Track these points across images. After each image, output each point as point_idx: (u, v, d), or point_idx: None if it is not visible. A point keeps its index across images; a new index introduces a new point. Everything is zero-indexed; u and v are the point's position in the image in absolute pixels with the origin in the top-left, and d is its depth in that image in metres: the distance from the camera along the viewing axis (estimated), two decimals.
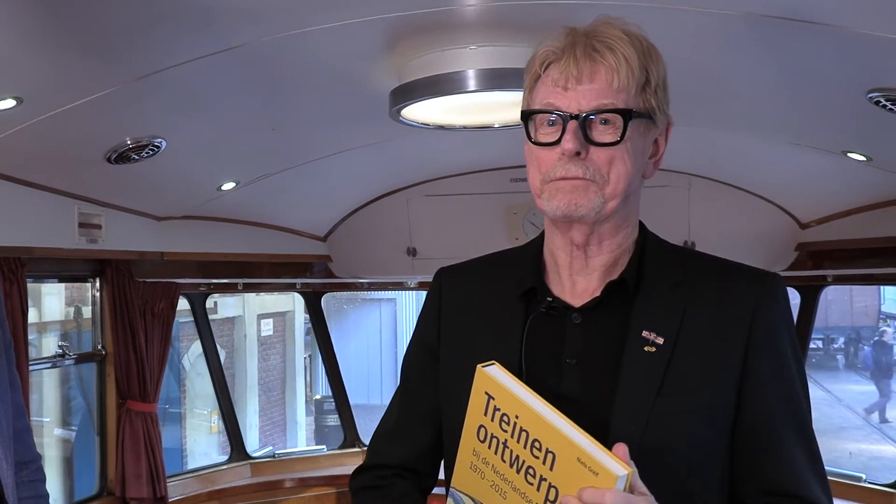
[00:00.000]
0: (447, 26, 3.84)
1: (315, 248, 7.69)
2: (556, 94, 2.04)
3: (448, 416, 2.28)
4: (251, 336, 21.39)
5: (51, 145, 4.60)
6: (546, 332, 2.16)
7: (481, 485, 2.04)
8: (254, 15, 3.50)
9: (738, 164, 6.12)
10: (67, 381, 12.31)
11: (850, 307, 32.51)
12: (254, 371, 21.55)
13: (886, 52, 3.50)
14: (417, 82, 4.20)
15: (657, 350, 2.06)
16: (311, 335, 23.18)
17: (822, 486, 2.09)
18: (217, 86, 4.25)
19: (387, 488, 2.39)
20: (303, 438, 23.56)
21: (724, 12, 3.41)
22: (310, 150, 5.91)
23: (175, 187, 5.93)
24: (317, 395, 24.58)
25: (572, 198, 2.01)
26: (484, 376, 1.98)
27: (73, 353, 6.82)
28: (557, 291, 2.20)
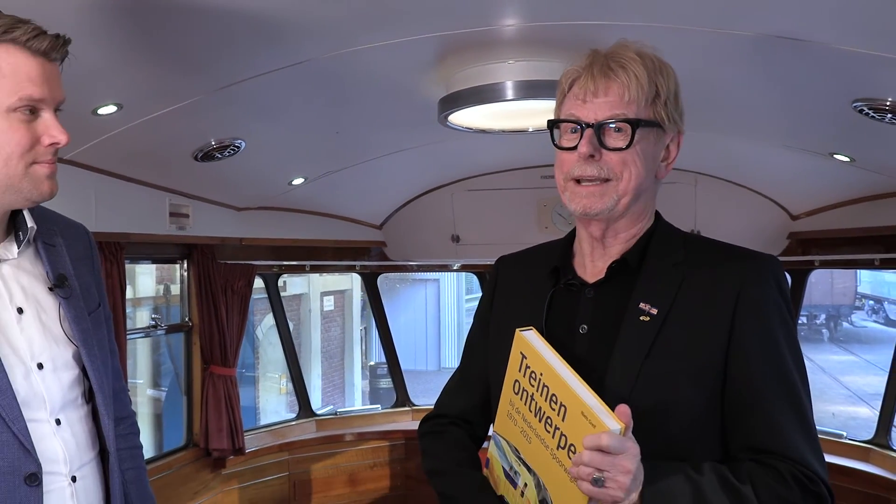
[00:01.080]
0: (488, 43, 3.82)
1: (372, 235, 7.69)
2: (577, 106, 2.14)
3: (492, 374, 2.35)
4: (315, 311, 21.53)
5: (146, 145, 4.60)
6: (565, 304, 2.26)
7: (514, 430, 2.15)
8: (320, 34, 3.49)
9: (738, 163, 6.11)
10: (158, 349, 12.37)
11: (831, 288, 32.98)
12: (317, 341, 21.68)
13: (869, 67, 3.50)
14: (462, 92, 4.19)
15: (650, 319, 2.11)
16: (365, 310, 23.44)
17: (812, 449, 2.04)
18: (288, 95, 4.24)
19: (444, 434, 2.52)
20: (359, 399, 23.70)
21: (727, 32, 3.39)
22: (368, 151, 5.90)
23: (252, 182, 5.93)
24: (371, 361, 24.69)
25: (588, 202, 2.12)
26: (520, 339, 2.11)
27: (163, 324, 6.84)
28: (580, 272, 2.28)
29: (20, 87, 2.05)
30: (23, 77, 2.05)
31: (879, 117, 3.96)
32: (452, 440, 2.49)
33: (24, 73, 2.05)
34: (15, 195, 2.13)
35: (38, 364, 2.17)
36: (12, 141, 2.06)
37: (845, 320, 35.13)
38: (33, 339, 2.18)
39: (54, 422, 2.17)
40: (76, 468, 2.21)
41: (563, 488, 1.96)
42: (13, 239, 2.24)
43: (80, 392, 2.27)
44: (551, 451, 1.99)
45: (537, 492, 2.07)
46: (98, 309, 2.41)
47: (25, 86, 2.05)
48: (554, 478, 2.00)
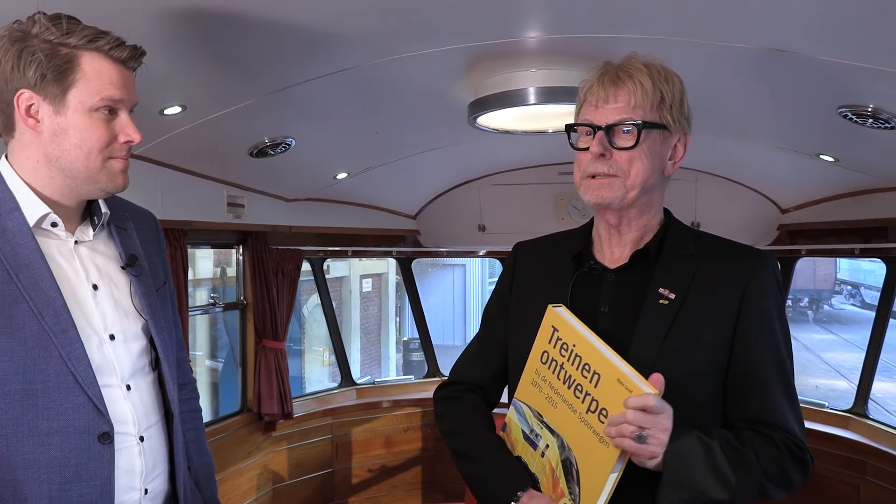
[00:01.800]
0: (513, 54, 3.82)
1: (407, 224, 7.69)
2: (591, 111, 2.20)
3: (513, 347, 2.39)
4: (355, 291, 21.65)
5: (207, 143, 4.62)
6: (587, 286, 2.28)
7: (538, 396, 2.18)
8: (365, 44, 3.50)
9: (734, 162, 6.10)
10: (215, 325, 12.43)
11: (814, 274, 33.99)
12: (356, 318, 21.80)
13: (853, 77, 3.52)
14: (490, 97, 4.20)
15: (669, 303, 2.15)
16: (399, 291, 23.53)
17: (797, 420, 2.15)
18: (335, 98, 4.24)
19: (462, 399, 2.53)
20: (393, 370, 23.85)
21: (728, 45, 3.40)
22: (404, 149, 5.90)
23: (301, 176, 5.95)
24: (404, 337, 24.76)
25: (600, 192, 2.17)
26: (553, 313, 2.15)
27: (220, 302, 6.89)
28: (599, 258, 2.31)
29: (102, 89, 2.08)
30: (105, 81, 2.09)
31: (861, 122, 3.98)
32: (470, 404, 2.50)
33: (107, 77, 2.09)
34: (92, 186, 2.16)
35: (111, 335, 2.19)
36: (93, 137, 2.09)
37: (826, 303, 36.30)
38: (106, 312, 2.20)
39: (125, 387, 2.20)
40: (144, 429, 2.23)
41: (590, 448, 2.01)
42: (89, 223, 2.27)
43: (148, 361, 2.29)
44: (580, 415, 2.04)
45: (560, 452, 2.10)
46: (164, 286, 2.43)
47: (107, 88, 2.09)
48: (581, 439, 2.04)
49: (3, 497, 2.05)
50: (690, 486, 1.99)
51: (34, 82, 2.05)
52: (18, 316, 2.03)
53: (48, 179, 2.14)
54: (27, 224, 2.11)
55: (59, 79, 2.06)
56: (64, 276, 2.15)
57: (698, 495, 2.00)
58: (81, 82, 2.07)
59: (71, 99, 2.07)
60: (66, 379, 2.06)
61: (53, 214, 2.15)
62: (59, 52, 2.05)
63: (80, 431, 2.08)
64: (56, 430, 2.06)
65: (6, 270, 2.04)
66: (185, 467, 2.37)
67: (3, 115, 2.12)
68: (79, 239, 2.23)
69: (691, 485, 1.98)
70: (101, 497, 2.11)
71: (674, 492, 1.98)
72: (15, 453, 2.04)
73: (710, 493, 2.00)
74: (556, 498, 2.10)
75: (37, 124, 2.09)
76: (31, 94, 2.07)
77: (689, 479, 1.98)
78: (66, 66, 2.06)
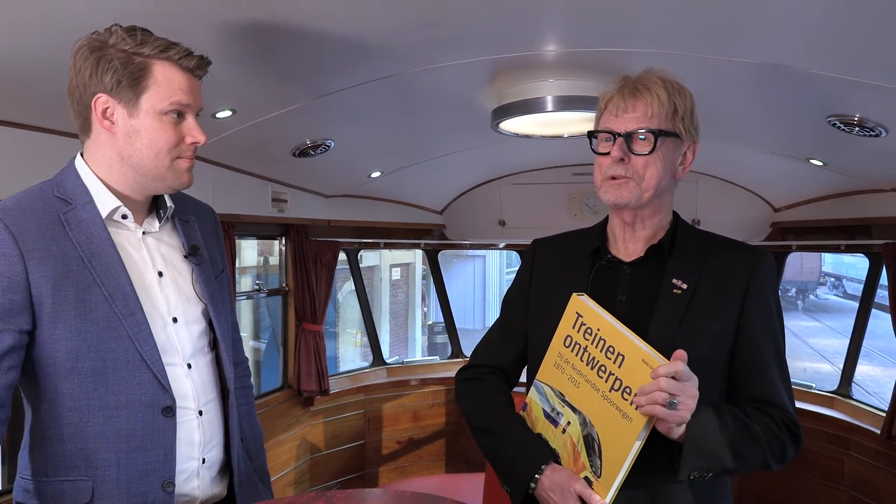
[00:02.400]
0: (533, 65, 3.83)
1: (434, 219, 7.69)
2: (611, 120, 2.23)
3: (533, 333, 2.41)
4: (385, 279, 21.73)
5: (254, 143, 4.64)
6: (605, 278, 2.31)
7: (561, 378, 2.20)
8: (399, 55, 3.51)
9: (731, 165, 6.09)
10: (259, 309, 12.48)
11: (801, 267, 34.02)
12: (386, 303, 21.87)
13: (841, 89, 3.53)
14: (511, 104, 4.21)
15: (682, 293, 2.19)
16: (425, 279, 23.53)
17: (791, 400, 2.20)
18: (370, 104, 4.25)
19: (482, 380, 2.53)
20: (419, 351, 23.92)
21: (728, 59, 3.41)
22: (433, 150, 5.90)
23: (338, 174, 5.96)
24: (429, 321, 24.76)
25: (618, 193, 2.20)
26: (577, 301, 2.18)
27: (264, 289, 6.91)
28: (614, 252, 2.34)
29: (171, 95, 2.12)
30: (174, 87, 2.12)
31: (848, 130, 3.98)
32: (492, 385, 2.50)
33: (176, 84, 2.13)
34: (160, 183, 2.19)
35: (174, 318, 2.23)
36: (162, 138, 2.13)
37: (812, 294, 36.40)
38: (170, 297, 2.24)
39: (186, 366, 2.23)
40: (202, 404, 2.26)
41: (613, 423, 2.04)
42: (156, 216, 2.31)
43: (207, 342, 2.32)
44: (603, 394, 2.06)
45: (582, 428, 2.12)
46: (222, 274, 2.46)
47: (176, 94, 2.12)
48: (603, 415, 2.07)
49: (76, 464, 2.09)
50: (709, 455, 2.02)
51: (110, 87, 2.09)
52: (91, 300, 2.06)
53: (120, 176, 2.17)
54: (100, 216, 2.15)
55: (133, 84, 2.09)
56: (133, 263, 2.18)
57: (714, 463, 2.03)
58: (153, 88, 2.10)
59: (143, 103, 2.10)
60: (134, 357, 2.09)
61: (124, 207, 2.19)
62: (134, 61, 2.09)
63: (146, 405, 2.11)
64: (124, 404, 2.09)
65: (80, 258, 2.07)
66: (239, 439, 2.40)
67: (81, 117, 2.16)
68: (146, 230, 2.27)
69: (710, 453, 2.02)
70: (164, 465, 2.14)
71: (694, 460, 2.01)
72: (87, 424, 2.08)
73: (724, 462, 2.04)
74: (578, 471, 2.12)
75: (112, 126, 2.13)
76: (108, 99, 2.10)
77: (709, 448, 2.01)
78: (139, 74, 2.09)
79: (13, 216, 2.05)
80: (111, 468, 2.09)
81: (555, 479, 2.14)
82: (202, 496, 2.27)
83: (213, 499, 2.32)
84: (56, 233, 2.08)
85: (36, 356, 2.06)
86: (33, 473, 2.13)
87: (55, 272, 2.04)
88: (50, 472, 2.10)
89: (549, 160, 7.00)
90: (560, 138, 4.94)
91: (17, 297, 2.01)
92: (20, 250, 2.01)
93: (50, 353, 2.05)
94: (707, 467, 2.03)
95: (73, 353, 2.05)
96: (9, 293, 2.00)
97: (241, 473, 2.38)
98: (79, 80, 2.11)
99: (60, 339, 2.04)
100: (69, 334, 2.04)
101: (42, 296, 2.02)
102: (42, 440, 2.11)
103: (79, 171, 2.19)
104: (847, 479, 5.89)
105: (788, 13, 2.88)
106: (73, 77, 2.13)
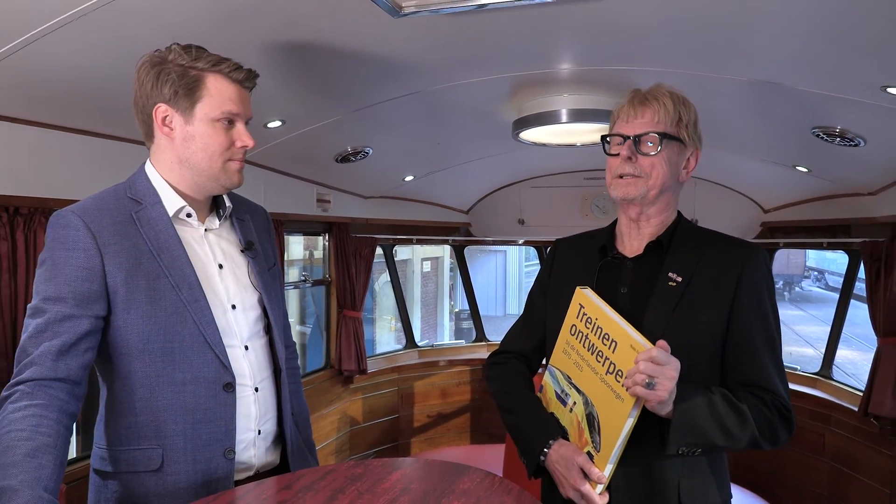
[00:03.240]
0: (549, 81, 3.84)
1: (461, 218, 7.69)
2: (622, 125, 2.26)
3: (550, 323, 2.39)
4: (417, 272, 21.80)
5: (301, 150, 4.65)
6: (610, 272, 2.31)
7: (568, 362, 2.21)
8: (429, 73, 3.53)
9: (726, 171, 6.07)
10: (305, 297, 12.51)
11: (787, 262, 34.77)
12: (418, 293, 21.95)
13: (824, 104, 3.55)
14: (530, 116, 4.24)
15: (676, 285, 2.16)
16: (453, 271, 23.55)
17: (784, 385, 2.16)
18: (404, 116, 4.26)
19: (508, 364, 2.53)
20: (447, 335, 23.91)
21: (723, 77, 3.42)
22: (459, 157, 5.91)
23: (376, 178, 5.97)
24: (456, 308, 24.75)
25: (626, 189, 2.22)
26: (580, 293, 2.18)
27: (309, 279, 6.94)
28: (621, 249, 2.33)
29: (223, 104, 2.14)
30: (225, 98, 2.14)
31: (830, 140, 4.00)
32: (515, 369, 2.51)
33: (227, 95, 2.15)
34: (214, 183, 2.21)
35: (232, 305, 2.24)
36: (215, 142, 2.15)
37: (797, 286, 36.83)
38: (229, 287, 2.25)
39: (244, 347, 2.24)
40: (258, 381, 2.27)
41: (609, 403, 2.03)
42: (216, 215, 2.32)
43: (262, 326, 2.33)
44: (600, 377, 2.06)
45: (584, 408, 2.12)
46: (273, 266, 2.47)
47: (226, 104, 2.14)
48: (601, 396, 2.06)
49: (148, 434, 2.11)
50: (696, 431, 2.00)
51: (168, 98, 2.11)
52: (160, 288, 2.08)
53: (181, 177, 2.19)
54: (167, 214, 2.17)
55: (189, 95, 2.11)
56: (196, 257, 2.20)
57: (702, 439, 2.01)
58: (206, 98, 2.12)
59: (198, 111, 2.13)
60: (198, 339, 2.11)
61: (188, 206, 2.21)
62: (189, 74, 2.11)
63: (209, 382, 2.13)
64: (189, 381, 2.11)
65: (150, 251, 2.10)
66: (290, 413, 2.40)
67: (145, 125, 2.19)
68: (208, 227, 2.28)
69: (697, 430, 2.00)
70: (225, 435, 2.16)
71: (681, 435, 1.99)
72: (157, 399, 2.10)
73: (712, 439, 2.02)
74: (581, 446, 2.13)
75: (170, 132, 2.15)
76: (167, 108, 2.12)
77: (696, 425, 1.99)
78: (194, 85, 2.11)
79: (91, 215, 2.08)
80: (178, 438, 2.11)
81: (561, 453, 2.16)
82: (258, 463, 2.28)
83: (267, 466, 2.33)
84: (129, 230, 2.10)
85: (111, 339, 2.08)
86: (108, 443, 2.15)
87: (128, 264, 2.06)
88: (124, 442, 2.12)
89: (563, 166, 7.01)
90: (573, 147, 4.96)
91: (94, 286, 2.03)
92: (97, 245, 2.04)
93: (124, 335, 2.07)
94: (695, 443, 2.01)
95: (145, 336, 2.07)
96: (87, 283, 2.02)
97: (292, 444, 2.39)
98: (142, 92, 2.14)
99: (133, 324, 2.06)
100: (141, 319, 2.07)
101: (116, 285, 2.05)
102: (116, 414, 2.13)
103: (148, 174, 2.21)
104: (828, 451, 5.91)
105: (777, 37, 2.90)
106: (137, 90, 2.16)
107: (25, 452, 1.76)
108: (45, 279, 2.03)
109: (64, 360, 1.97)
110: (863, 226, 5.40)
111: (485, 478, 2.06)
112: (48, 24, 2.41)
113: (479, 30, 2.99)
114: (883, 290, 5.14)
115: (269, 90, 3.38)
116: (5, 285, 3.20)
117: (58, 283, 2.01)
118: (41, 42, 2.51)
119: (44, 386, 1.92)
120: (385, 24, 2.78)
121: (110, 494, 2.14)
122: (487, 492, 1.95)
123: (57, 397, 1.93)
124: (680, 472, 2.13)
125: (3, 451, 1.77)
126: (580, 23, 2.92)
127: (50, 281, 2.02)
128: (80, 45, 2.60)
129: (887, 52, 2.80)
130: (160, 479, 2.11)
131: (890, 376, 5.15)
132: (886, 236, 5.10)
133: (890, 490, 5.22)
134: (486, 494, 1.93)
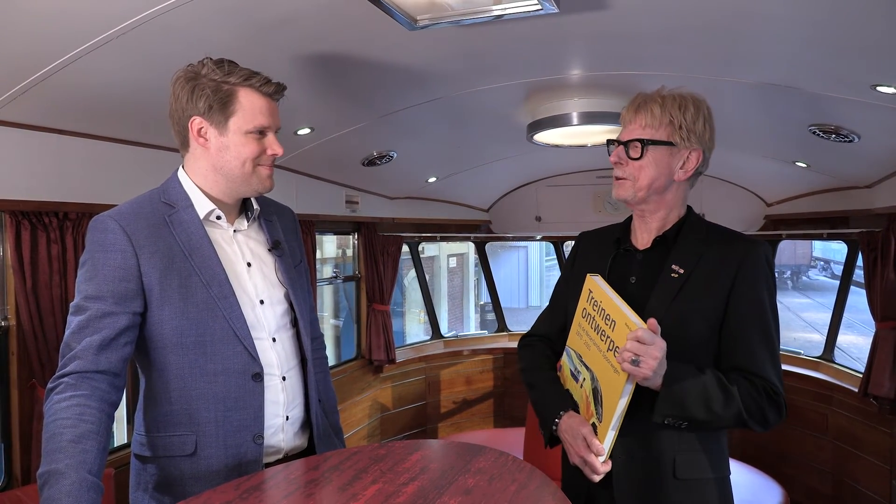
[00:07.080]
0: (561, 87, 3.84)
1: (482, 216, 7.68)
2: (621, 131, 2.29)
3: (571, 309, 2.39)
4: (443, 267, 21.81)
5: (330, 155, 4.67)
6: (622, 264, 2.33)
7: (580, 343, 2.25)
8: (449, 80, 3.53)
9: (731, 167, 6.03)
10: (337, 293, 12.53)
11: (794, 253, 34.41)
12: (444, 287, 21.95)
13: (821, 103, 3.54)
14: (543, 119, 4.23)
15: (678, 276, 2.18)
16: (477, 266, 23.49)
17: (776, 374, 2.14)
18: (426, 121, 4.26)
19: (536, 346, 2.58)
20: (472, 326, 23.92)
21: (728, 80, 3.40)
22: (479, 159, 5.91)
23: (401, 180, 5.99)
24: (480, 301, 24.75)
25: (618, 191, 2.27)
26: (590, 280, 2.23)
27: (341, 276, 6.96)
28: (634, 242, 2.35)
29: (254, 118, 2.14)
30: (257, 111, 2.15)
31: (826, 136, 4.01)
32: (539, 350, 2.55)
33: (258, 108, 2.15)
34: (246, 187, 2.21)
35: (261, 300, 2.24)
36: (247, 151, 2.15)
37: (804, 275, 36.67)
38: (257, 283, 2.25)
39: (271, 339, 2.24)
40: (286, 371, 2.27)
41: (609, 377, 2.07)
42: (244, 216, 2.32)
43: (289, 320, 2.33)
44: (603, 354, 2.10)
45: (591, 383, 2.16)
46: (300, 264, 2.47)
47: (258, 117, 2.15)
48: (603, 371, 2.11)
49: (182, 421, 2.12)
50: (681, 403, 2.03)
51: (203, 111, 2.12)
52: (192, 286, 2.09)
53: (214, 183, 2.20)
54: (198, 217, 2.17)
55: (223, 108, 2.11)
56: (226, 256, 2.21)
57: (685, 412, 2.05)
58: (239, 112, 2.13)
59: (231, 125, 2.13)
60: (228, 333, 2.12)
61: (218, 209, 2.21)
62: (222, 89, 2.11)
63: (239, 372, 2.14)
64: (220, 371, 2.12)
65: (183, 252, 2.11)
66: (317, 400, 2.41)
67: (181, 136, 2.20)
68: (237, 228, 2.28)
69: (681, 402, 2.03)
70: (255, 421, 2.16)
71: (667, 406, 2.04)
72: (191, 389, 2.11)
73: (694, 412, 2.05)
74: (588, 418, 2.18)
75: (205, 143, 2.15)
76: (201, 120, 2.13)
77: (680, 398, 2.03)
78: (227, 99, 2.11)
79: (127, 218, 2.09)
80: (211, 424, 2.12)
81: (569, 423, 2.21)
82: (287, 447, 2.29)
83: (295, 449, 2.33)
84: (162, 232, 2.11)
85: (147, 333, 2.10)
86: (146, 430, 2.17)
87: (162, 264, 2.08)
88: (161, 429, 2.14)
89: (576, 165, 6.99)
90: (584, 147, 4.94)
91: (131, 285, 2.05)
92: (133, 247, 2.06)
93: (159, 330, 2.09)
94: (680, 415, 2.05)
95: (178, 330, 2.08)
96: (124, 282, 2.04)
97: (318, 428, 2.39)
98: (177, 105, 2.15)
99: (167, 319, 2.08)
100: (175, 315, 2.08)
101: (151, 283, 2.06)
102: (153, 402, 2.15)
103: (180, 180, 2.22)
104: (831, 430, 5.88)
105: (776, 41, 2.88)
106: (172, 102, 2.16)
107: (70, 439, 1.79)
108: (86, 279, 2.05)
109: (105, 354, 1.98)
110: (860, 217, 5.38)
111: (499, 457, 2.07)
112: (91, 41, 2.44)
113: (493, 40, 2.99)
114: (880, 277, 5.12)
115: (299, 100, 3.40)
116: (56, 285, 3.24)
117: (98, 283, 2.03)
118: (85, 59, 2.55)
119: (86, 378, 1.95)
120: (405, 36, 2.78)
121: (149, 477, 2.16)
122: (501, 470, 1.96)
123: (98, 388, 1.95)
124: (676, 448, 2.16)
125: (50, 437, 1.81)
126: (589, 31, 2.92)
127: (90, 281, 2.04)
128: (121, 61, 2.62)
129: (877, 54, 2.80)
130: (194, 462, 2.12)
131: (888, 358, 5.15)
132: (883, 226, 5.06)
133: (890, 466, 5.20)
134: (500, 472, 1.94)
